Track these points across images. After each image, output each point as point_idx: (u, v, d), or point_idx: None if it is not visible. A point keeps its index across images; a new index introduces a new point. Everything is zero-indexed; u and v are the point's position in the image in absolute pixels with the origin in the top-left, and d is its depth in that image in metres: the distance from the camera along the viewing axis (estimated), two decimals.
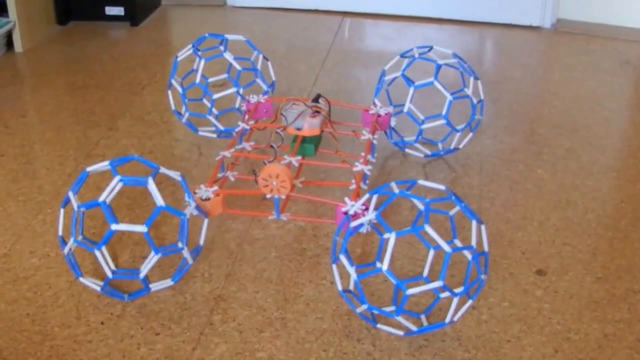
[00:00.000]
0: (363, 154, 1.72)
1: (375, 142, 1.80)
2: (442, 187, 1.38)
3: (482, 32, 3.12)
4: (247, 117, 1.93)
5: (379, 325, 1.42)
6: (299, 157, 1.66)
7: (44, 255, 1.64)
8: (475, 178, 1.98)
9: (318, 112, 1.75)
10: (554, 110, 2.41)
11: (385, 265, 1.29)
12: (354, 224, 1.39)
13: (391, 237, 1.29)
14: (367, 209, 1.43)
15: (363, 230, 1.40)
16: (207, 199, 1.53)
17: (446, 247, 1.28)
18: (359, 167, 1.66)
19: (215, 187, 1.57)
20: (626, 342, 1.43)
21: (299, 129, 1.71)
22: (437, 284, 1.29)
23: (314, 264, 1.63)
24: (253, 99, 1.96)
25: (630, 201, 1.90)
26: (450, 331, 1.44)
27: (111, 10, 3.11)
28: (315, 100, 1.82)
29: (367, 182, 1.71)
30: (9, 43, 2.79)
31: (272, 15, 3.30)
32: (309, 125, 1.71)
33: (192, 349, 1.38)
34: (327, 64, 2.74)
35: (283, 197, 1.56)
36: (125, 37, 3.01)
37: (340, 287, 1.38)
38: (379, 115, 1.90)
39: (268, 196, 1.55)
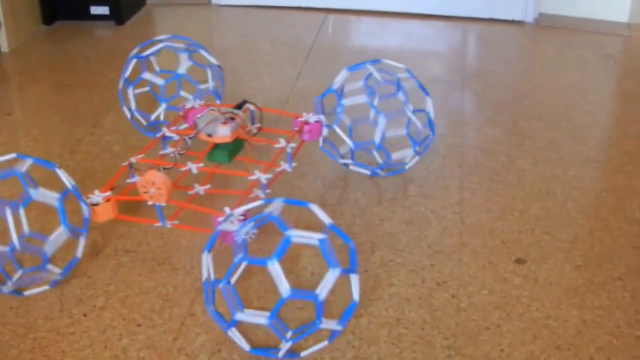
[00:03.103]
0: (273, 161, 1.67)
1: (289, 150, 1.71)
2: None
3: (465, 27, 3.14)
4: (173, 122, 1.87)
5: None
6: (201, 165, 1.64)
7: None
8: (456, 169, 2.00)
9: (233, 118, 1.72)
10: (536, 102, 2.43)
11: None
12: (223, 227, 1.33)
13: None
14: (246, 217, 1.39)
15: (239, 239, 1.32)
16: (97, 204, 1.54)
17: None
18: (256, 175, 1.61)
19: (108, 193, 1.57)
20: (605, 328, 1.44)
21: (210, 136, 1.70)
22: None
23: (294, 255, 1.64)
24: (188, 104, 1.89)
25: (611, 190, 1.92)
26: (430, 319, 1.45)
27: (96, 10, 3.11)
28: (239, 106, 1.80)
29: (267, 190, 1.63)
30: None
31: (256, 12, 3.31)
32: (220, 132, 1.70)
33: (174, 339, 1.39)
34: (310, 61, 2.75)
35: (163, 204, 1.55)
36: (110, 36, 3.01)
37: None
38: (306, 123, 1.84)
39: (149, 203, 1.55)
